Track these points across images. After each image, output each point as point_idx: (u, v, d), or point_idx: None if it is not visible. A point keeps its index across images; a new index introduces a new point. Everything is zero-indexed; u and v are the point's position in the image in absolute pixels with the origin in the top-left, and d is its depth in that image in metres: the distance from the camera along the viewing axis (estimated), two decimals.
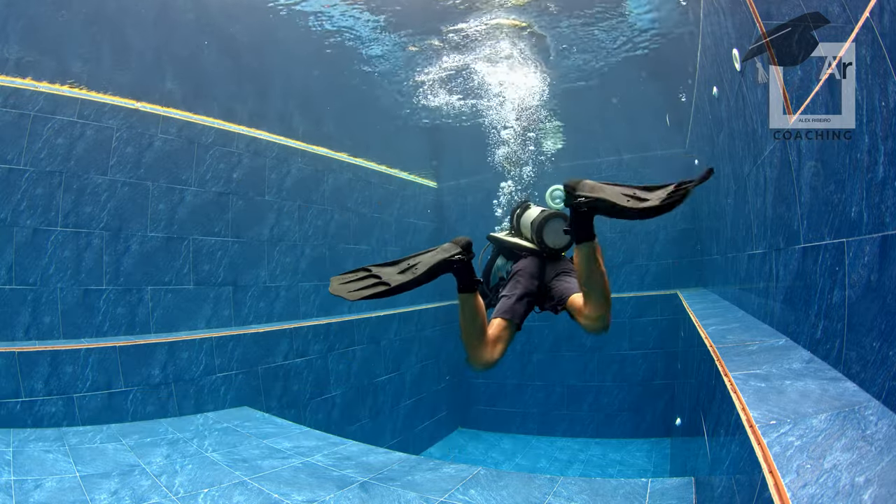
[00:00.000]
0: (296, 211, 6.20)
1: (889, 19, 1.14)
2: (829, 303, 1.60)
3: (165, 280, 4.75)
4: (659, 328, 7.29)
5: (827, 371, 1.56)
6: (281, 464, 3.01)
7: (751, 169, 2.93)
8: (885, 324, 1.18)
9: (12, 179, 3.89)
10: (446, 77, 6.25)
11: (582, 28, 5.30)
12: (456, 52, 5.62)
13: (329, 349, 5.92)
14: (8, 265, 3.85)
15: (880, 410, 1.16)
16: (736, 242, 3.80)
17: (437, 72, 6.05)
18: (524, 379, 8.15)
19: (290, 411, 5.24)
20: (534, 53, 5.77)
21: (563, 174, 8.49)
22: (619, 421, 7.61)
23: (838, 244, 1.52)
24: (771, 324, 2.54)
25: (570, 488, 2.48)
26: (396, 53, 5.65)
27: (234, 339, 4.84)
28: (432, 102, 6.89)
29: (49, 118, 4.06)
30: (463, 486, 2.54)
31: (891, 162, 1.18)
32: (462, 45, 5.50)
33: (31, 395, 3.53)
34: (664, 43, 5.54)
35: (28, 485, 2.50)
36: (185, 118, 5.02)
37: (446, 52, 5.63)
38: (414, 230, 8.69)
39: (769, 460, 1.01)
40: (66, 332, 4.09)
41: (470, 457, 7.43)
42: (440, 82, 6.35)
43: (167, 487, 2.57)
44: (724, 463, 1.56)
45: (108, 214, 4.39)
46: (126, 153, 4.54)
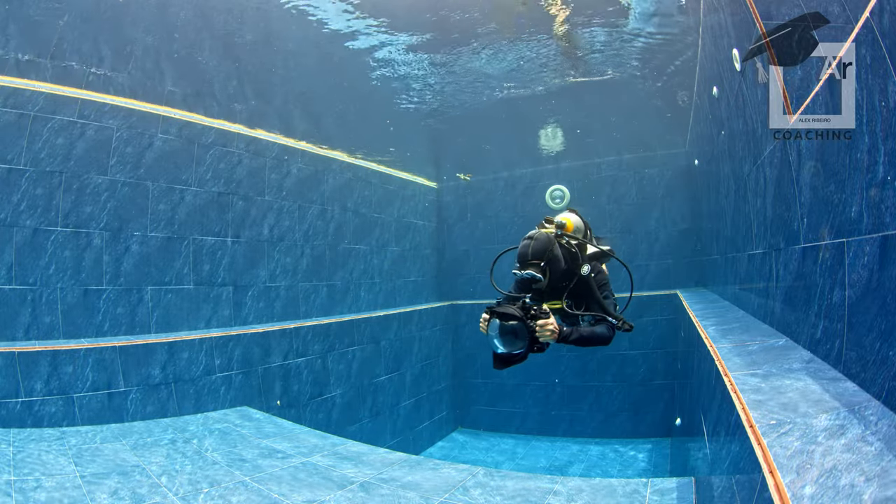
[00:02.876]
0: (296, 211, 6.20)
1: (889, 19, 1.14)
2: (829, 303, 1.60)
3: (165, 280, 4.75)
4: (659, 328, 7.29)
5: (827, 371, 1.56)
6: (281, 464, 3.01)
7: (751, 169, 2.93)
8: (885, 324, 1.18)
9: (12, 179, 3.89)
10: (449, 75, 6.24)
11: (581, 28, 5.30)
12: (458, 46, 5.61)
13: (329, 349, 5.92)
14: (8, 265, 3.85)
15: (880, 410, 1.16)
16: (736, 242, 3.80)
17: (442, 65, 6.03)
18: (524, 379, 8.15)
19: (290, 411, 5.24)
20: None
21: (563, 174, 8.51)
22: (619, 421, 7.61)
23: (838, 244, 1.52)
24: (771, 324, 2.54)
25: (570, 488, 2.48)
26: (402, 52, 5.64)
27: (234, 339, 4.84)
28: (435, 101, 6.88)
29: (49, 118, 4.06)
30: (463, 486, 2.54)
31: (891, 162, 1.18)
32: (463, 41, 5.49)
33: (31, 395, 3.54)
34: (664, 43, 5.54)
35: (28, 485, 2.50)
36: (185, 118, 5.02)
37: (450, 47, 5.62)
38: (414, 230, 8.69)
39: (769, 460, 1.01)
40: (66, 332, 4.09)
41: (470, 457, 7.43)
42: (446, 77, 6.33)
43: (167, 487, 2.57)
44: (724, 463, 1.56)
45: (108, 214, 4.39)
46: (126, 153, 4.54)
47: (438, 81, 6.46)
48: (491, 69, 6.19)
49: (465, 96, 6.87)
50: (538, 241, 2.60)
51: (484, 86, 6.60)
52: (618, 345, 7.53)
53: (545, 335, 2.42)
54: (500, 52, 5.83)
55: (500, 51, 5.81)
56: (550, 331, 2.41)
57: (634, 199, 7.96)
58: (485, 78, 6.43)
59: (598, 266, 2.73)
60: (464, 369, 8.70)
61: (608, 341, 2.56)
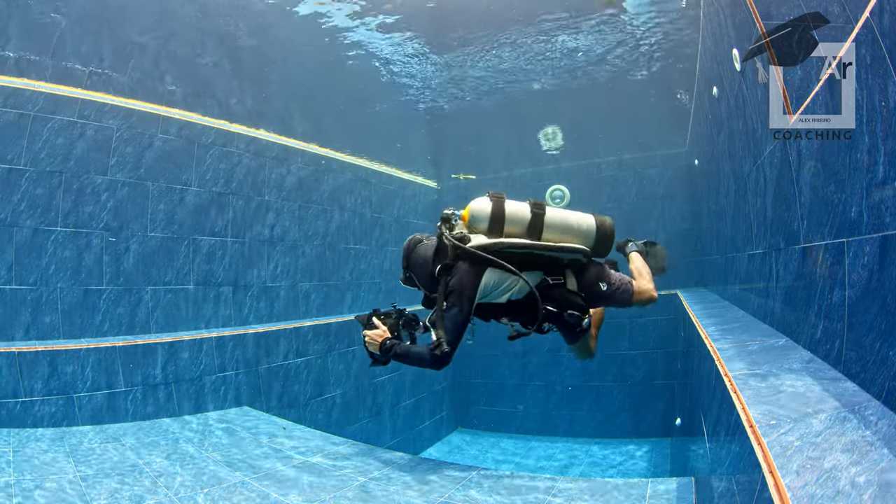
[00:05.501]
0: (296, 211, 6.20)
1: (889, 19, 1.14)
2: (829, 303, 1.60)
3: (165, 280, 4.75)
4: (659, 328, 7.28)
5: (827, 371, 1.56)
6: (281, 464, 3.01)
7: (751, 169, 2.93)
8: (885, 324, 1.18)
9: (12, 179, 3.88)
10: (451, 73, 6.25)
11: (582, 27, 5.30)
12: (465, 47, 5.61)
13: (329, 349, 5.92)
14: (8, 265, 3.85)
15: (880, 410, 1.16)
16: (736, 242, 3.80)
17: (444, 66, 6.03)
18: (524, 379, 8.15)
19: (290, 411, 5.24)
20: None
21: (563, 174, 8.51)
22: (619, 421, 7.60)
23: (838, 244, 1.52)
24: (771, 324, 2.54)
25: (570, 488, 2.48)
26: (401, 49, 5.64)
27: (234, 339, 4.84)
28: (437, 102, 6.89)
29: (49, 118, 4.06)
30: (463, 486, 2.54)
31: (891, 162, 1.18)
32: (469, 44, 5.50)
33: (31, 395, 3.53)
34: (664, 42, 5.54)
35: (28, 485, 2.50)
36: (185, 118, 5.02)
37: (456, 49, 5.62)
38: (414, 230, 8.68)
39: (769, 460, 1.01)
40: (66, 332, 4.09)
41: (470, 457, 7.43)
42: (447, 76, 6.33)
43: (167, 487, 2.57)
44: (724, 463, 1.56)
45: (108, 214, 4.39)
46: (126, 153, 4.54)
47: (439, 81, 6.47)
48: (492, 68, 6.20)
49: (466, 96, 6.87)
50: (405, 244, 2.50)
51: (484, 85, 6.60)
52: (618, 345, 7.56)
53: (371, 345, 2.42)
54: (499, 52, 5.83)
55: (500, 51, 5.81)
56: (375, 342, 2.40)
57: (634, 199, 7.96)
58: (485, 77, 6.44)
59: (462, 269, 2.29)
60: (464, 369, 8.69)
61: (426, 365, 2.25)
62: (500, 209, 2.37)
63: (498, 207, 2.38)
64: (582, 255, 2.50)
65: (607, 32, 5.38)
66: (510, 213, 2.39)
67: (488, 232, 2.41)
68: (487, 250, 2.30)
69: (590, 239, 2.56)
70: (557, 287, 2.40)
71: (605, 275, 2.57)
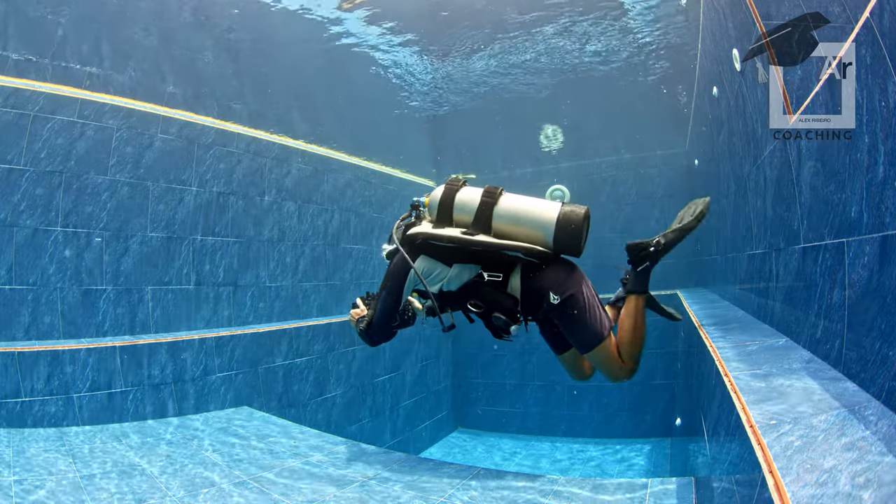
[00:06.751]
0: (296, 211, 6.20)
1: (889, 19, 1.14)
2: (829, 303, 1.60)
3: (165, 280, 4.75)
4: (659, 328, 7.27)
5: (827, 371, 1.56)
6: (281, 464, 3.01)
7: (751, 169, 2.93)
8: (885, 324, 1.18)
9: (12, 179, 3.88)
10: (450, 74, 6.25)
11: (582, 27, 5.30)
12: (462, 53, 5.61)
13: (329, 349, 5.92)
14: (8, 265, 3.85)
15: (880, 410, 1.16)
16: (736, 242, 3.80)
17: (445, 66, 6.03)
18: (524, 379, 8.15)
19: (290, 411, 5.24)
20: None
21: (563, 174, 8.51)
22: (619, 421, 7.60)
23: (838, 244, 1.52)
24: (771, 324, 2.54)
25: (570, 488, 2.48)
26: (403, 53, 5.65)
27: (234, 339, 4.84)
28: (439, 101, 6.89)
29: (49, 118, 4.06)
30: (463, 486, 2.54)
31: (891, 162, 1.18)
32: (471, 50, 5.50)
33: (31, 395, 3.53)
34: (664, 42, 5.54)
35: (28, 485, 2.50)
36: (185, 118, 5.02)
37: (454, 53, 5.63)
38: None
39: (769, 460, 1.01)
40: (66, 332, 4.09)
41: (470, 457, 7.43)
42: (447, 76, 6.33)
43: (167, 487, 2.57)
44: (724, 463, 1.56)
45: (108, 214, 4.39)
46: (126, 153, 4.54)
47: (439, 81, 6.46)
48: (492, 68, 6.20)
49: (466, 95, 6.87)
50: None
51: (485, 85, 6.60)
52: None
53: (351, 322, 2.56)
54: (501, 50, 5.83)
55: (501, 49, 5.81)
56: (353, 319, 2.54)
57: (634, 199, 7.96)
58: (485, 77, 6.43)
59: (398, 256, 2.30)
60: (464, 369, 8.69)
61: (366, 342, 2.50)
62: (448, 197, 2.26)
63: (447, 195, 2.27)
64: (522, 253, 2.18)
65: (607, 32, 5.39)
66: (459, 202, 2.26)
67: (436, 221, 2.29)
68: (407, 240, 2.29)
69: (546, 233, 2.18)
70: (488, 285, 2.22)
71: (566, 287, 2.21)
